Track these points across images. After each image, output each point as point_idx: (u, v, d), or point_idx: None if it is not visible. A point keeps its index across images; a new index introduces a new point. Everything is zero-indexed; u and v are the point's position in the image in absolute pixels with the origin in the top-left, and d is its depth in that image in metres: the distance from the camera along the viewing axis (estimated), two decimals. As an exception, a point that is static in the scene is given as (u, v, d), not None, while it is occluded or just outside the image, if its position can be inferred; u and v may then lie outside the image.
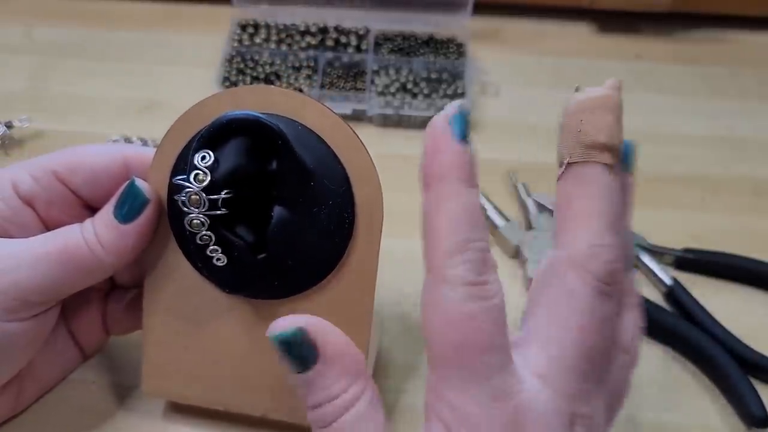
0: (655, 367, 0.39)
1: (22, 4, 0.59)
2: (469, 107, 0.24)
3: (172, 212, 0.29)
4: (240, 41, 0.54)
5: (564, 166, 0.25)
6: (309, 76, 0.52)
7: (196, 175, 0.26)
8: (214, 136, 0.27)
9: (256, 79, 0.51)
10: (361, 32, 0.55)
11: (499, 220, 0.44)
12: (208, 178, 0.26)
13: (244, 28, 0.55)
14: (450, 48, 0.54)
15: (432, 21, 0.56)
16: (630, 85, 0.55)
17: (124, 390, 0.36)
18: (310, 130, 0.28)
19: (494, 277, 0.23)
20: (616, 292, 0.24)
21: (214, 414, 0.33)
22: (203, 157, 0.27)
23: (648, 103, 0.53)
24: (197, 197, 0.26)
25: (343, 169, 0.28)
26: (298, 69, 0.52)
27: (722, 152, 0.50)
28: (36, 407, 0.35)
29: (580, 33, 0.59)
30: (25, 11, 0.58)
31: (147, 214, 0.29)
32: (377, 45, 0.54)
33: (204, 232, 0.27)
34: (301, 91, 0.50)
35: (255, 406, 0.31)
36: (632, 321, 0.27)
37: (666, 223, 0.45)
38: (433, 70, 0.52)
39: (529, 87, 0.54)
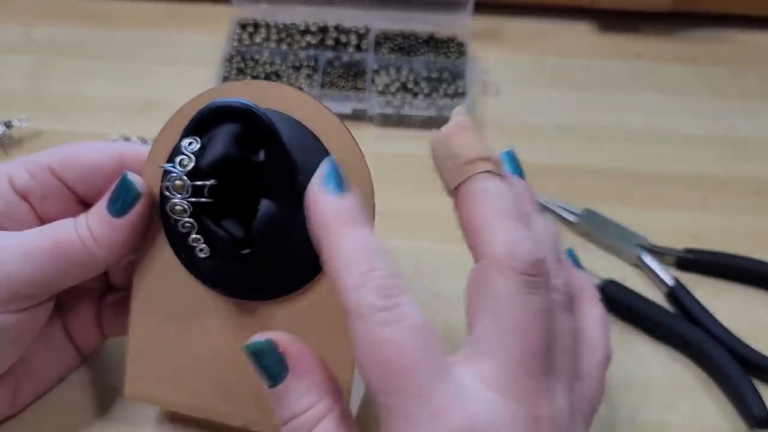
0: (657, 367, 0.39)
1: (21, 3, 0.59)
2: (334, 161, 0.26)
3: (163, 205, 0.29)
4: (240, 40, 0.54)
5: (453, 193, 0.26)
6: (309, 76, 0.51)
7: (182, 160, 0.26)
8: (202, 122, 0.27)
9: (256, 78, 0.51)
10: (361, 31, 0.55)
11: (499, 220, 0.44)
12: (192, 163, 0.26)
13: (244, 27, 0.55)
14: (450, 47, 0.54)
15: (432, 20, 0.56)
16: (630, 85, 0.54)
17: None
18: (304, 126, 0.28)
19: (406, 299, 0.23)
20: (545, 283, 0.24)
21: (204, 421, 0.32)
22: (190, 143, 0.26)
23: (648, 102, 0.53)
24: (180, 182, 0.26)
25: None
26: (298, 68, 0.52)
27: (723, 152, 0.50)
28: (34, 407, 0.35)
29: (580, 32, 0.59)
30: (25, 10, 0.58)
31: (139, 208, 0.29)
32: (377, 44, 0.54)
33: (186, 219, 0.27)
34: (301, 90, 0.50)
35: (236, 415, 0.30)
36: (594, 315, 0.27)
37: (667, 223, 0.45)
38: (433, 69, 0.52)
39: (529, 86, 0.54)
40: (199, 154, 0.26)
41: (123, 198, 0.28)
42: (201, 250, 0.27)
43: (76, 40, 0.56)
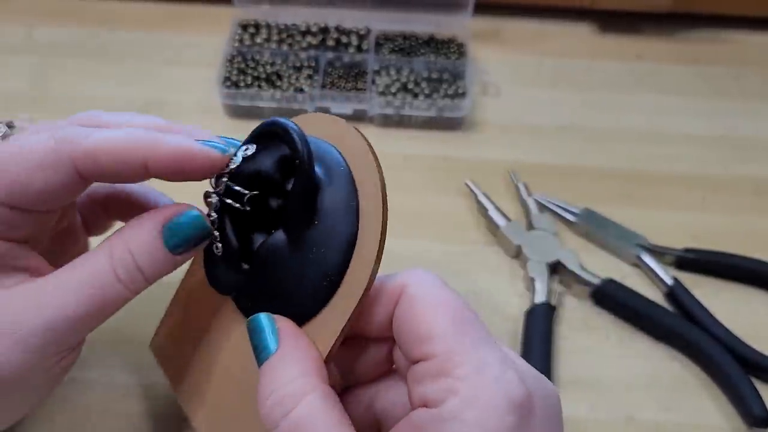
0: (656, 367, 0.39)
1: (23, 4, 0.59)
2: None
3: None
4: (241, 41, 0.54)
5: None
6: (310, 76, 0.52)
7: (234, 159, 0.27)
8: (260, 133, 0.27)
9: (256, 78, 0.51)
10: (362, 32, 0.55)
11: (500, 220, 0.44)
12: (236, 165, 0.27)
13: (245, 28, 0.55)
14: (451, 48, 0.54)
15: (433, 21, 0.56)
16: (631, 86, 0.55)
17: (128, 389, 0.36)
18: (351, 176, 0.26)
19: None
20: None
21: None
22: (246, 149, 0.27)
23: (649, 103, 0.53)
24: (222, 179, 0.27)
25: (356, 224, 0.25)
26: (299, 69, 0.52)
27: (723, 152, 0.50)
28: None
29: (581, 33, 0.59)
30: (26, 11, 0.59)
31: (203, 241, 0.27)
32: (378, 45, 0.54)
33: (212, 213, 0.27)
34: (301, 90, 0.50)
35: (193, 411, 0.30)
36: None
37: (667, 222, 0.45)
38: (433, 70, 0.52)
39: (529, 87, 0.54)
40: (248, 161, 0.27)
41: (190, 238, 0.27)
42: (216, 248, 0.28)
43: (78, 41, 0.56)
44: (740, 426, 0.36)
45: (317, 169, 0.26)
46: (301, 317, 0.26)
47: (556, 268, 0.42)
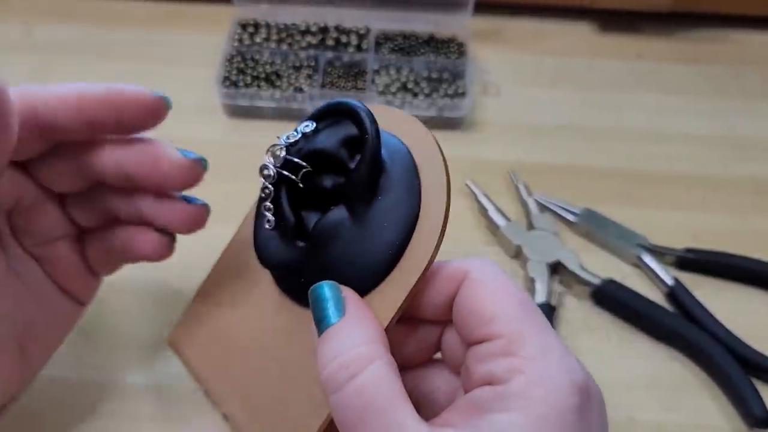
0: (656, 367, 0.39)
1: (22, 3, 0.59)
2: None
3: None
4: (240, 40, 0.54)
5: None
6: (309, 76, 0.51)
7: (290, 134, 0.27)
8: (325, 112, 0.28)
9: (256, 78, 0.51)
10: (361, 32, 0.55)
11: (500, 220, 0.44)
12: (296, 139, 0.27)
13: (244, 27, 0.55)
14: (451, 47, 0.54)
15: (433, 20, 0.56)
16: (631, 85, 0.54)
17: (128, 389, 0.36)
18: (414, 163, 0.27)
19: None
20: None
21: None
22: (306, 125, 0.27)
23: (649, 102, 0.53)
24: (279, 151, 0.27)
25: (419, 201, 0.26)
26: (298, 68, 0.52)
27: (723, 152, 0.50)
28: (36, 408, 0.35)
29: (581, 32, 0.59)
30: (26, 10, 0.58)
31: None
32: (378, 44, 0.54)
33: (267, 185, 0.27)
34: (301, 90, 0.50)
35: (225, 402, 0.30)
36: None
37: (667, 222, 0.45)
38: (433, 69, 0.52)
39: (530, 87, 0.54)
40: (307, 137, 0.27)
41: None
42: (268, 221, 0.28)
43: (77, 40, 0.56)
44: (741, 426, 0.36)
45: (382, 151, 0.27)
46: (361, 291, 0.26)
47: (556, 269, 0.42)
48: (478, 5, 0.55)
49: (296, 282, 0.28)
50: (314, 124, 0.27)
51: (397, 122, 0.28)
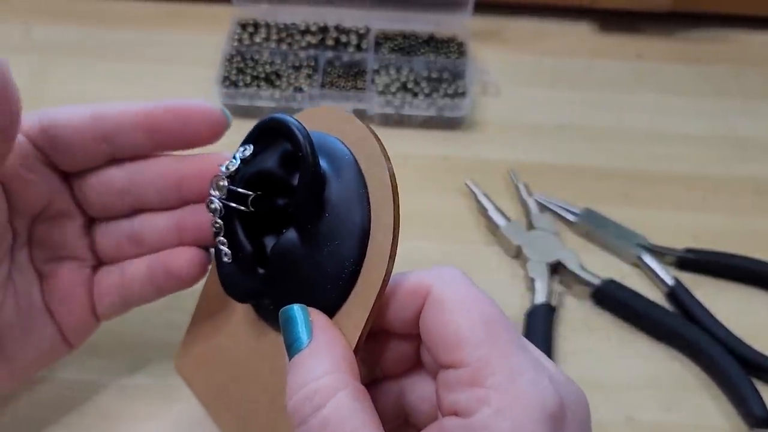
0: (656, 367, 0.39)
1: (21, 3, 0.59)
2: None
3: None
4: (240, 40, 0.54)
5: None
6: (309, 76, 0.51)
7: (229, 163, 0.26)
8: (257, 132, 0.27)
9: (256, 78, 0.51)
10: (361, 31, 0.55)
11: (500, 220, 0.44)
12: (236, 168, 0.26)
13: (244, 27, 0.55)
14: (450, 47, 0.54)
15: (432, 20, 0.56)
16: (631, 85, 0.54)
17: (128, 390, 0.36)
18: (358, 165, 0.26)
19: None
20: None
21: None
22: (244, 150, 0.27)
23: (649, 102, 0.53)
24: (222, 183, 0.26)
25: (367, 211, 0.25)
26: (298, 68, 0.52)
27: (724, 152, 0.50)
28: (36, 408, 0.35)
29: (581, 32, 0.58)
30: (25, 10, 0.58)
31: None
32: (378, 44, 0.54)
33: (217, 220, 0.26)
34: (301, 90, 0.50)
35: (227, 427, 0.30)
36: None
37: (667, 222, 0.45)
38: (433, 69, 0.52)
39: (529, 86, 0.54)
40: (247, 162, 0.26)
41: None
42: (225, 254, 0.27)
43: (77, 40, 0.56)
44: (741, 426, 0.36)
45: (322, 161, 0.26)
46: (328, 312, 0.25)
47: (556, 269, 0.42)
48: (478, 5, 0.55)
49: (267, 308, 0.28)
50: (251, 147, 0.26)
51: (338, 123, 0.27)
